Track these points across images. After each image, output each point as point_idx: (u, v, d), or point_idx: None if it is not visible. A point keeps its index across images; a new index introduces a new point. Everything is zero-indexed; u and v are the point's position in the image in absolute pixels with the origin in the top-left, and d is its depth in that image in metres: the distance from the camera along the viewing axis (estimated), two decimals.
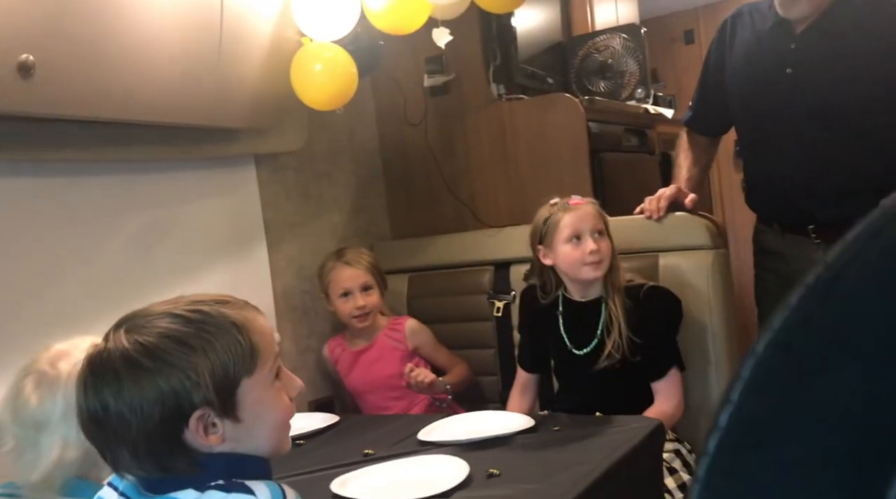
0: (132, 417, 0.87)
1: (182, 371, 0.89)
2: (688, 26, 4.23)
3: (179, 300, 0.95)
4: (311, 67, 1.95)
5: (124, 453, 0.90)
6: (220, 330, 0.92)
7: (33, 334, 1.61)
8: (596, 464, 1.36)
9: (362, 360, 2.18)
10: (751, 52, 1.95)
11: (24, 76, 1.28)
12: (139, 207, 1.84)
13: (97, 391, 0.89)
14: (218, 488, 0.90)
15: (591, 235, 1.81)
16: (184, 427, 0.90)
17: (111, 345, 0.90)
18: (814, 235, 1.93)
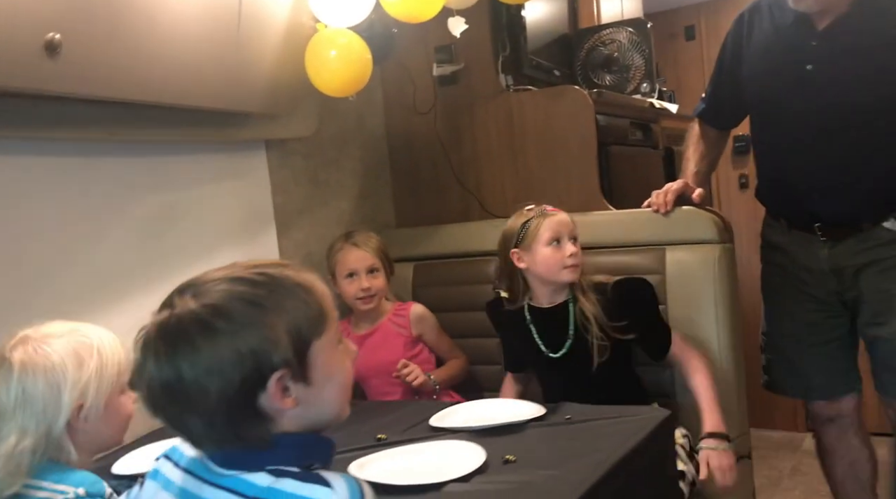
0: (210, 382, 0.85)
1: (259, 331, 0.87)
2: (689, 22, 4.25)
3: (236, 266, 0.94)
4: (325, 53, 1.95)
5: (198, 424, 0.88)
6: (288, 291, 0.91)
7: (47, 314, 1.61)
8: (611, 451, 1.38)
9: (366, 344, 2.18)
10: (770, 45, 1.96)
11: (51, 55, 1.27)
12: (151, 189, 1.84)
13: (170, 359, 0.86)
14: (294, 477, 0.89)
15: (569, 240, 1.86)
16: (260, 392, 0.88)
17: (179, 310, 0.88)
18: (819, 233, 1.95)
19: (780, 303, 2.13)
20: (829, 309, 2.04)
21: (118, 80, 1.45)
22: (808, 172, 1.91)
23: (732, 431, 2.04)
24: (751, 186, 4.09)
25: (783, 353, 2.13)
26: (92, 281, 1.70)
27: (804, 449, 3.66)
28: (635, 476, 1.41)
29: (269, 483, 0.88)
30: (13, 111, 1.43)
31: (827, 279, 1.99)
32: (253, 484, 0.89)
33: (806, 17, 1.88)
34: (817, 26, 1.87)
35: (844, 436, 2.13)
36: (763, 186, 2.14)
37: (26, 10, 1.26)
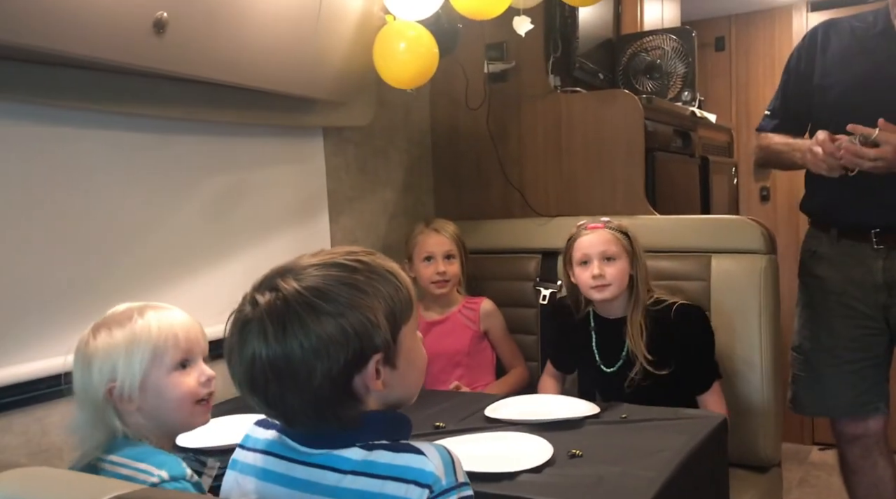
0: (318, 361, 0.88)
1: (363, 314, 0.90)
2: (720, 33, 4.28)
3: (328, 252, 0.97)
4: (395, 45, 1.97)
5: (298, 402, 0.90)
6: (382, 277, 0.94)
7: (116, 288, 1.64)
8: (676, 451, 1.41)
9: (434, 331, 2.22)
10: (851, 54, 2.02)
11: (158, 32, 1.30)
12: (219, 169, 1.87)
13: (281, 338, 0.88)
14: (386, 449, 0.92)
15: (598, 260, 1.90)
16: (356, 373, 0.91)
17: (285, 292, 0.90)
18: (875, 241, 1.99)
19: (817, 316, 2.15)
20: (871, 325, 2.07)
21: (215, 60, 1.47)
22: (878, 177, 1.92)
23: (769, 440, 2.09)
24: (772, 198, 4.17)
25: (814, 369, 2.15)
26: (162, 256, 1.72)
27: (810, 461, 3.72)
28: (698, 477, 1.44)
29: (363, 457, 0.92)
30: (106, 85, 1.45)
31: (877, 293, 2.02)
32: (348, 459, 0.92)
33: (893, 30, 1.94)
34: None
35: (869, 455, 2.16)
36: (816, 196, 2.16)
37: None
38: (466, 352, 2.18)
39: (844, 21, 2.09)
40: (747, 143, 4.20)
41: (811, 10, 4.01)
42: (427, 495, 0.88)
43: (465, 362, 2.19)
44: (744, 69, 4.23)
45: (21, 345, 1.47)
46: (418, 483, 0.89)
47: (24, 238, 1.48)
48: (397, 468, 0.90)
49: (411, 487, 0.89)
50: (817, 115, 2.08)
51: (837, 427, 2.20)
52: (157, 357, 1.20)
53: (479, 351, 2.24)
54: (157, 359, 1.20)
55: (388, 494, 0.90)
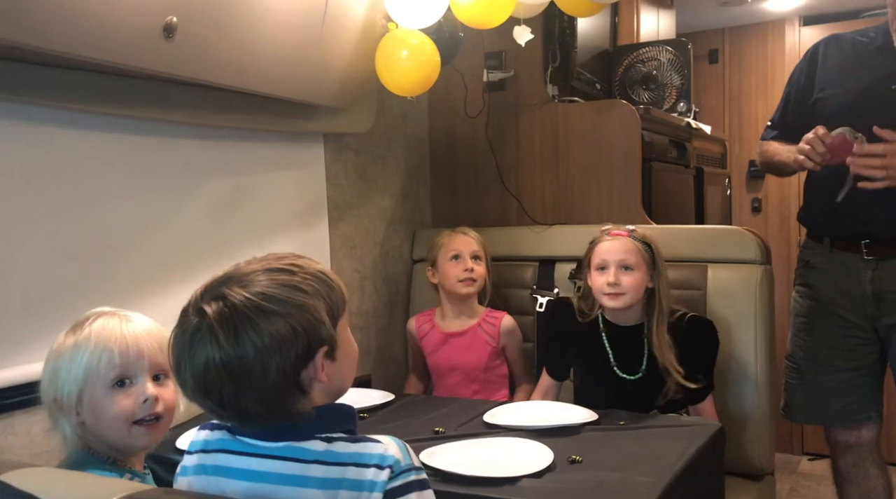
0: (271, 358, 0.93)
1: (308, 312, 0.97)
2: (713, 46, 4.33)
3: (262, 259, 1.02)
4: (397, 53, 1.99)
5: (253, 402, 0.95)
6: (316, 278, 1.01)
7: (115, 289, 1.65)
8: (676, 457, 1.43)
9: (452, 343, 2.22)
10: (850, 68, 2.05)
11: (168, 37, 1.30)
12: (222, 173, 1.87)
13: (234, 342, 0.93)
14: (344, 440, 0.99)
15: (615, 267, 1.90)
16: (303, 367, 0.97)
17: (233, 300, 0.95)
18: (866, 252, 2.01)
19: (810, 325, 2.17)
20: (861, 335, 2.10)
21: (222, 65, 1.48)
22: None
23: (762, 448, 2.11)
24: (763, 209, 4.21)
25: (806, 378, 2.17)
26: (162, 259, 1.73)
27: (800, 471, 3.74)
28: (697, 484, 1.46)
29: (324, 448, 0.98)
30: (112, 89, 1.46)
31: (866, 304, 2.05)
32: (310, 450, 0.98)
33: (892, 45, 1.98)
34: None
35: (862, 464, 2.17)
36: (812, 206, 2.18)
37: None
38: (484, 367, 2.18)
39: (847, 36, 2.13)
40: (740, 154, 4.25)
41: (803, 24, 4.06)
42: (388, 475, 0.96)
43: (481, 378, 2.19)
44: (736, 82, 4.28)
45: (23, 347, 1.47)
46: (379, 466, 0.96)
47: (25, 241, 1.48)
48: (357, 456, 0.97)
49: (373, 470, 0.96)
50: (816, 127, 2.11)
51: (830, 436, 2.22)
52: (90, 373, 1.16)
53: (495, 367, 2.24)
54: (91, 374, 1.16)
55: (349, 478, 0.96)
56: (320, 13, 1.73)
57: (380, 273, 2.51)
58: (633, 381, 1.93)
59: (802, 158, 1.92)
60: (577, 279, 2.33)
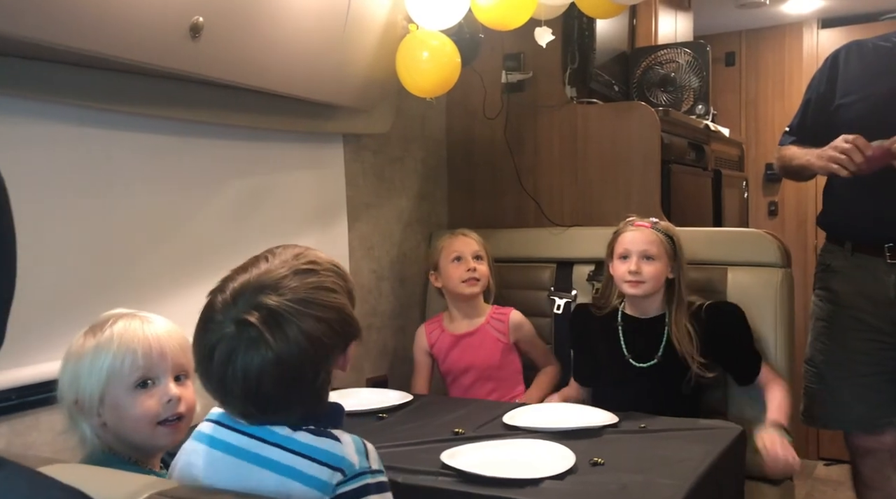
0: (318, 359, 0.99)
1: (341, 311, 1.03)
2: (730, 48, 4.31)
3: (284, 260, 1.04)
4: (418, 54, 1.99)
5: (297, 401, 1.00)
6: (335, 273, 1.06)
7: (137, 287, 1.65)
8: (699, 460, 1.42)
9: (463, 344, 2.22)
10: (872, 73, 2.04)
11: (194, 37, 1.31)
12: (243, 173, 1.88)
13: (284, 345, 0.97)
14: (308, 431, 1.01)
15: (637, 257, 1.94)
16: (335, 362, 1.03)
17: (275, 306, 0.98)
18: (888, 255, 2.00)
19: (831, 330, 2.16)
20: (883, 339, 2.08)
21: (247, 65, 1.49)
22: (893, 192, 1.93)
23: None
24: (780, 213, 4.18)
25: (827, 382, 2.15)
26: (183, 258, 1.73)
27: (816, 476, 3.72)
28: (719, 487, 1.45)
29: (287, 433, 1.01)
30: (138, 88, 1.47)
31: (889, 308, 2.03)
32: (275, 433, 1.01)
33: None
34: None
35: (883, 469, 2.16)
36: (833, 210, 2.17)
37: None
38: (497, 365, 2.18)
39: (868, 41, 2.12)
40: (756, 157, 4.23)
41: (822, 26, 4.04)
42: (339, 479, 0.98)
43: (496, 376, 2.19)
44: (753, 84, 4.26)
45: (47, 344, 1.47)
46: (329, 466, 0.98)
47: (49, 239, 1.49)
48: (313, 449, 0.99)
49: (323, 468, 0.98)
50: (837, 133, 2.09)
51: (851, 441, 2.20)
52: (113, 374, 1.17)
53: (508, 363, 2.24)
54: (113, 375, 1.17)
55: (299, 469, 0.98)
56: (342, 14, 1.73)
57: (397, 274, 2.51)
58: (645, 368, 1.95)
59: (837, 167, 1.90)
60: (595, 281, 2.33)
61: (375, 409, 1.85)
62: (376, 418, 1.82)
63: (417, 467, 1.43)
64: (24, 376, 1.45)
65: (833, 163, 1.91)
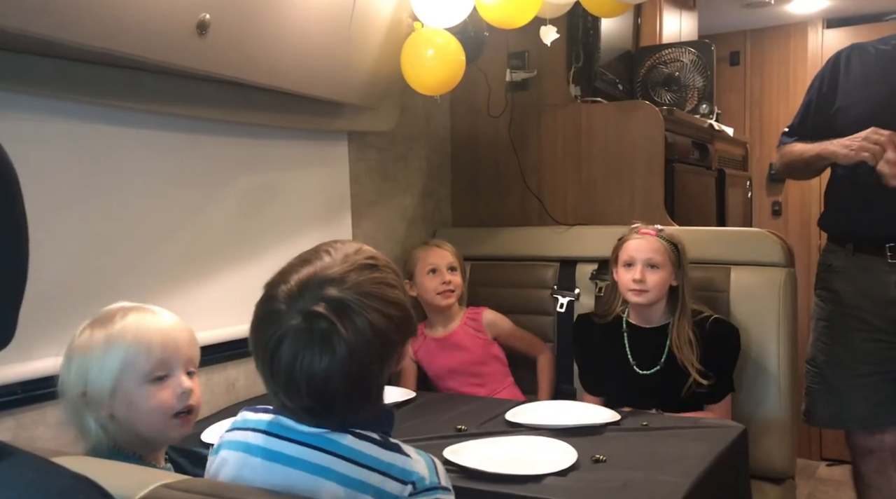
0: (384, 355, 0.97)
1: (402, 307, 1.00)
2: (734, 48, 4.31)
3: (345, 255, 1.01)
4: (423, 52, 2.00)
5: (357, 396, 0.96)
6: (393, 270, 1.04)
7: (146, 282, 1.66)
8: (701, 458, 1.43)
9: (444, 347, 2.25)
10: (873, 76, 2.04)
11: (201, 34, 1.32)
12: (248, 170, 1.89)
13: (354, 338, 0.94)
14: (374, 443, 0.98)
15: (641, 265, 1.93)
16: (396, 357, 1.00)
17: (341, 299, 0.94)
18: (889, 255, 2.00)
19: (832, 329, 2.16)
20: (885, 339, 2.08)
21: (253, 63, 1.50)
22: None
23: (784, 451, 2.10)
24: (783, 213, 4.18)
25: (828, 381, 2.16)
26: (188, 254, 1.74)
27: (818, 476, 3.72)
28: (721, 485, 1.46)
29: (353, 443, 0.97)
30: (145, 85, 1.48)
31: (890, 308, 2.04)
32: (339, 443, 0.97)
33: None
34: None
35: (884, 469, 2.16)
36: (834, 210, 2.17)
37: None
38: (481, 361, 2.20)
39: (869, 45, 2.12)
40: (760, 157, 4.23)
41: (826, 27, 4.03)
42: (409, 491, 0.96)
43: (482, 372, 2.21)
44: (758, 84, 4.26)
45: (53, 339, 1.48)
46: (400, 480, 0.96)
47: (58, 234, 1.50)
48: (383, 464, 0.97)
49: (392, 482, 0.96)
50: (836, 136, 2.09)
51: (852, 440, 2.21)
52: (127, 366, 1.16)
53: (493, 358, 2.26)
54: (127, 368, 1.16)
55: (372, 484, 0.95)
56: (348, 12, 1.74)
57: (400, 272, 2.52)
58: (649, 376, 1.95)
59: (867, 155, 1.88)
60: (598, 280, 2.34)
61: None
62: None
63: None
64: (29, 371, 1.46)
65: (865, 152, 1.89)
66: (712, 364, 1.90)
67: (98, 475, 0.85)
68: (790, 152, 2.19)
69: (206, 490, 0.86)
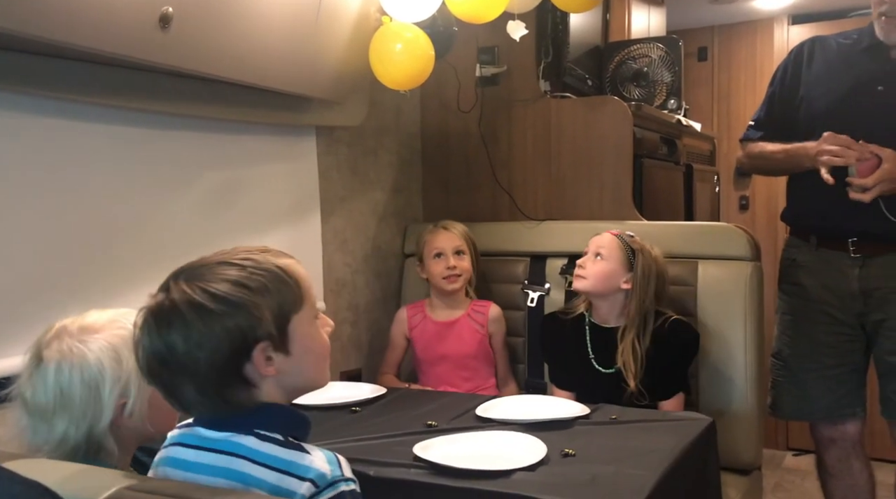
0: (201, 352, 0.97)
1: (246, 310, 0.99)
2: (702, 44, 4.35)
3: (225, 252, 1.06)
4: (391, 46, 1.99)
5: (191, 390, 1.00)
6: (270, 273, 1.03)
7: (111, 283, 1.64)
8: (668, 451, 1.44)
9: (443, 332, 2.24)
10: (837, 69, 2.08)
11: (163, 27, 1.30)
12: (214, 166, 1.87)
13: (163, 335, 0.98)
14: (276, 443, 1.01)
15: (590, 255, 2.02)
16: (246, 361, 1.00)
17: (174, 295, 0.99)
18: (853, 249, 2.04)
19: (797, 323, 2.20)
20: (848, 332, 2.12)
21: (217, 57, 1.48)
22: None
23: (751, 443, 2.13)
24: (750, 207, 4.24)
25: (793, 374, 2.19)
26: (151, 252, 1.71)
27: (785, 466, 3.78)
28: (690, 477, 1.47)
29: (255, 445, 1.01)
30: (107, 79, 1.45)
31: (853, 301, 2.07)
32: (243, 445, 1.01)
33: (881, 46, 2.03)
34: (891, 55, 2.03)
35: (846, 459, 2.21)
36: (797, 205, 2.21)
37: None
38: (474, 355, 2.21)
39: (830, 38, 2.17)
40: (728, 152, 4.27)
41: (792, 23, 4.09)
42: (310, 488, 0.98)
43: (471, 365, 2.22)
44: (725, 79, 4.30)
45: (14, 338, 1.45)
46: (298, 476, 0.99)
47: (14, 233, 1.47)
48: (281, 461, 1.00)
49: (290, 478, 0.98)
50: (803, 127, 2.12)
51: (816, 431, 2.25)
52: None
53: (485, 355, 2.26)
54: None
55: (270, 481, 0.98)
56: (315, 5, 1.72)
57: (371, 267, 2.51)
58: (608, 375, 1.98)
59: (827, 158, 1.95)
60: (568, 274, 2.35)
61: (348, 402, 1.85)
62: (349, 411, 1.82)
63: (390, 459, 1.43)
64: None
65: (823, 165, 1.95)
66: (663, 363, 1.93)
67: (57, 480, 0.83)
68: (761, 153, 2.22)
69: (168, 491, 0.85)
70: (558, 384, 2.10)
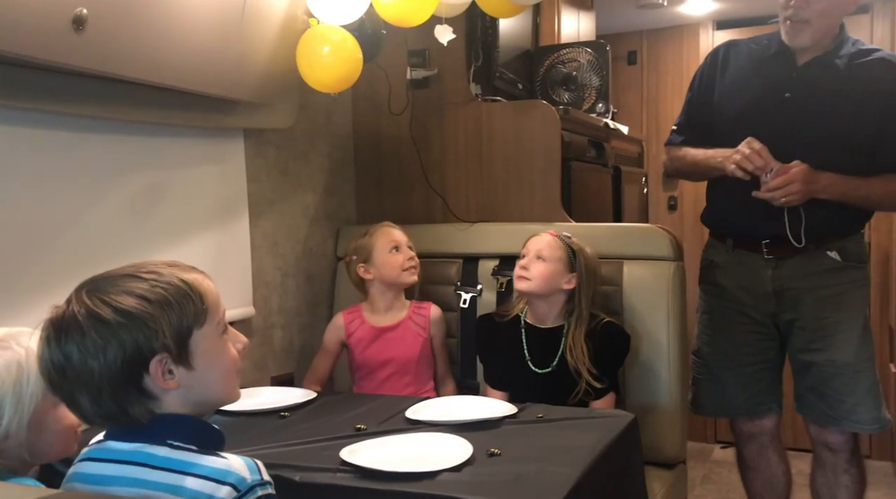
0: (94, 362, 0.98)
1: (143, 322, 1.00)
2: (632, 47, 4.45)
3: (134, 265, 1.07)
4: (319, 49, 1.98)
5: (85, 398, 1.00)
6: (172, 287, 1.04)
7: (28, 291, 1.59)
8: (591, 447, 1.48)
9: (384, 337, 2.22)
10: (748, 75, 2.14)
11: (77, 29, 1.27)
12: (137, 169, 1.83)
13: (61, 345, 0.99)
14: (191, 451, 1.02)
15: (531, 256, 2.04)
16: (144, 373, 1.01)
17: (74, 306, 1.00)
18: (765, 251, 2.11)
19: (715, 322, 2.27)
20: (763, 331, 2.20)
21: (136, 59, 1.45)
22: None
23: (675, 438, 2.19)
24: (679, 207, 4.36)
25: (712, 371, 2.27)
26: (76, 258, 1.66)
27: (713, 459, 3.90)
28: (613, 472, 1.51)
29: (168, 454, 1.02)
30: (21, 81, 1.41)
31: (767, 301, 2.15)
32: (155, 455, 1.02)
33: (788, 52, 2.09)
34: (798, 61, 2.09)
35: (764, 452, 2.30)
36: (715, 208, 2.28)
37: None
38: (416, 359, 2.20)
39: (743, 43, 2.23)
40: (657, 154, 4.38)
41: (717, 28, 4.23)
42: (229, 492, 0.99)
43: (413, 370, 2.20)
44: (654, 82, 4.42)
45: None
46: (216, 480, 1.00)
47: None
48: (197, 467, 1.01)
49: (208, 483, 1.00)
50: (718, 132, 2.19)
51: (735, 426, 2.33)
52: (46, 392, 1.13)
53: (425, 358, 2.26)
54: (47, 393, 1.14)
55: (188, 487, 0.99)
56: (239, 7, 1.70)
57: (303, 270, 2.49)
58: (543, 375, 2.01)
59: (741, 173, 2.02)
60: (499, 276, 2.38)
61: (277, 408, 1.84)
62: (278, 416, 1.81)
63: (316, 464, 1.43)
64: None
65: (738, 171, 2.02)
66: (600, 364, 1.97)
67: None
68: (683, 158, 2.28)
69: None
70: (492, 384, 2.12)
